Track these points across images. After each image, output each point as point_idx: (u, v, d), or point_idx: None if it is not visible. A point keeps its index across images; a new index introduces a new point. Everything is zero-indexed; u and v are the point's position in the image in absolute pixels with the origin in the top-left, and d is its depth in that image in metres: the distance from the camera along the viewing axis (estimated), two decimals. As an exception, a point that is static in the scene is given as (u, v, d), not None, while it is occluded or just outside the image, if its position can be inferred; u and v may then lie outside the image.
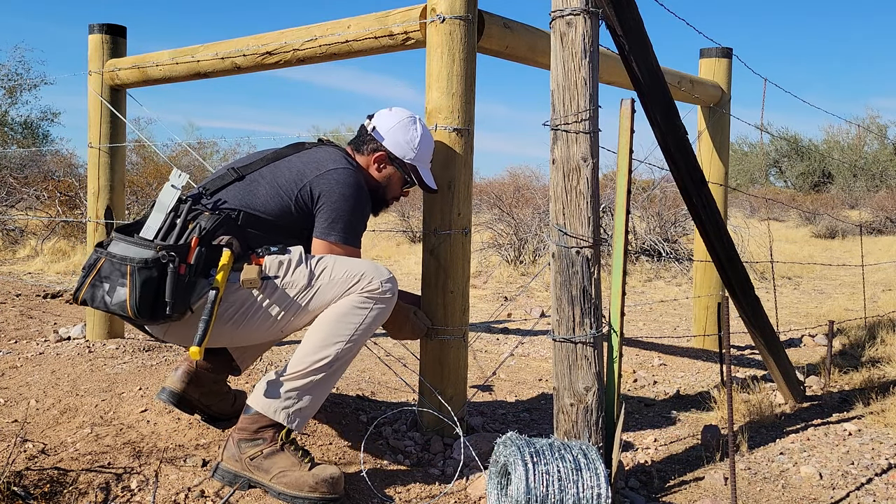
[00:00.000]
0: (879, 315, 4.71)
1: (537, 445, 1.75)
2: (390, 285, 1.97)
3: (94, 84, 3.48)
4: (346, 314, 1.92)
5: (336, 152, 2.15)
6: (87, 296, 1.84)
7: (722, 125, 3.99)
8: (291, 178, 2.06)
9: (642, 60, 2.19)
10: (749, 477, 2.22)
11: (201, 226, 1.88)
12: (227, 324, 1.93)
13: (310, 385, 1.91)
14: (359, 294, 1.93)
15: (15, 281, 5.76)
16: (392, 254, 9.56)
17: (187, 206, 1.91)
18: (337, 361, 1.92)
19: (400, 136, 2.16)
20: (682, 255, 7.89)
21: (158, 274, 1.78)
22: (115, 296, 1.79)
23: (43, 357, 3.19)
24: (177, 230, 1.87)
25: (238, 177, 2.09)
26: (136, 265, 1.77)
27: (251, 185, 2.07)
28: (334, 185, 2.04)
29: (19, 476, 1.88)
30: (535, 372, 3.57)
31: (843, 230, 13.58)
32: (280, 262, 1.94)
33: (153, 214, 1.90)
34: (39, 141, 14.48)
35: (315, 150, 2.16)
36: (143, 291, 1.77)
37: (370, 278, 1.94)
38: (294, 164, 2.10)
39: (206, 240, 1.88)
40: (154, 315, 1.80)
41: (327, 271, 1.94)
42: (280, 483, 1.86)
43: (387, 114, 2.21)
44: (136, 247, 1.81)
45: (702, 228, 2.54)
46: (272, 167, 2.11)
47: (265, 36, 2.85)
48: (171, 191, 1.91)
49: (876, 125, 25.94)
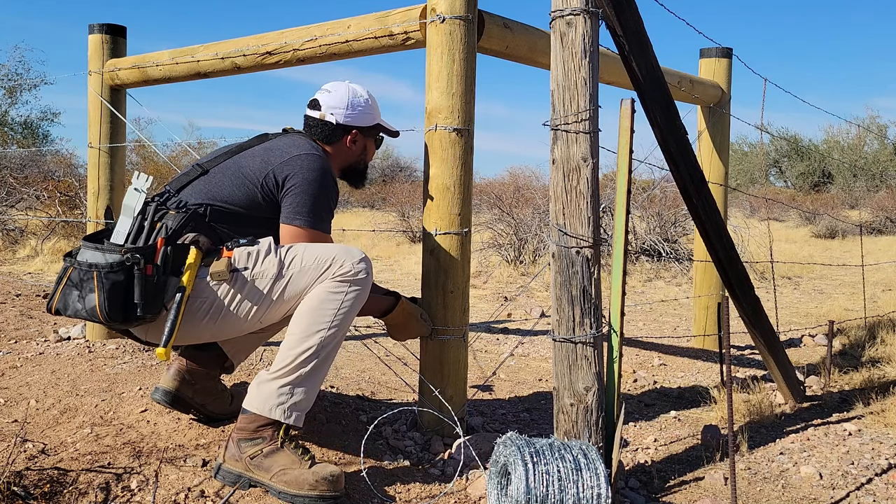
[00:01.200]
0: (879, 315, 4.71)
1: (537, 445, 1.75)
2: (363, 265, 1.96)
3: (94, 84, 3.48)
4: (323, 301, 1.92)
5: (301, 139, 2.18)
6: (60, 305, 1.87)
7: (722, 125, 3.99)
8: (256, 167, 2.08)
9: (642, 60, 2.19)
10: (749, 477, 2.22)
11: (167, 226, 1.90)
12: (203, 319, 1.93)
13: (300, 378, 1.91)
14: (331, 279, 1.93)
15: (15, 281, 5.76)
16: (392, 254, 9.56)
17: (153, 208, 1.93)
18: (323, 350, 1.92)
19: (358, 109, 2.25)
20: (682, 255, 7.89)
21: (126, 277, 1.80)
22: (85, 302, 1.81)
23: (43, 357, 3.19)
24: (144, 232, 1.89)
25: (203, 171, 2.11)
26: (103, 270, 1.79)
27: (216, 178, 2.08)
28: (298, 169, 2.06)
29: (19, 476, 1.88)
30: (535, 372, 3.57)
31: (843, 230, 13.58)
32: (248, 253, 1.94)
33: (121, 219, 1.92)
34: (39, 141, 14.48)
35: (279, 139, 2.18)
36: (111, 295, 1.78)
37: (341, 262, 1.94)
38: (258, 152, 2.12)
39: (173, 239, 1.89)
40: (127, 318, 1.81)
41: (297, 259, 1.94)
42: (280, 481, 1.87)
43: (331, 97, 2.25)
44: (102, 252, 1.82)
45: (702, 228, 2.54)
46: (236, 158, 2.12)
47: (265, 36, 2.85)
48: (135, 194, 1.93)
49: (876, 125, 25.94)
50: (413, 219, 11.59)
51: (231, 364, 2.29)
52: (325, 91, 2.27)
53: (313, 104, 2.27)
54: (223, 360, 2.27)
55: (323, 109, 2.24)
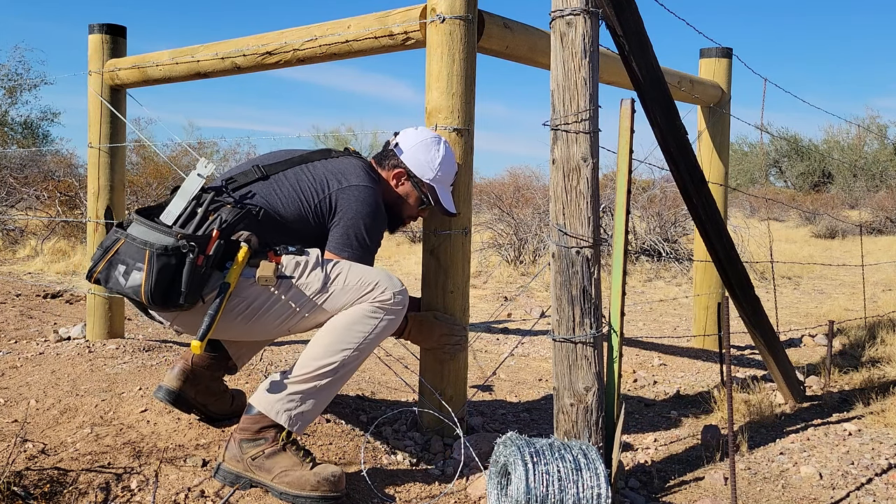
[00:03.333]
0: (879, 315, 4.71)
1: (537, 445, 1.75)
2: (402, 297, 1.97)
3: (94, 84, 3.48)
4: (356, 322, 1.92)
5: (360, 166, 2.14)
6: (102, 276, 1.84)
7: (722, 125, 3.99)
8: (314, 187, 2.06)
9: (642, 60, 2.19)
10: (749, 477, 2.22)
11: (222, 218, 1.87)
12: (237, 318, 1.93)
13: (314, 389, 1.91)
14: (370, 303, 1.93)
15: (15, 281, 5.76)
16: (392, 254, 9.56)
17: (210, 197, 1.90)
18: (343, 368, 1.92)
19: (420, 155, 2.15)
20: (682, 255, 7.89)
21: (176, 262, 1.78)
22: (129, 279, 1.79)
23: (43, 357, 3.19)
24: (197, 219, 1.86)
25: (262, 175, 2.09)
26: (156, 251, 1.77)
27: (274, 186, 2.07)
28: (353, 202, 2.04)
29: (19, 476, 1.88)
30: (535, 372, 3.57)
31: (843, 230, 13.58)
32: (297, 262, 1.94)
33: (175, 200, 1.90)
34: (39, 141, 14.48)
35: (340, 160, 2.15)
36: (159, 278, 1.76)
37: (383, 288, 1.94)
38: (318, 171, 2.10)
39: (226, 233, 1.87)
40: (166, 303, 1.80)
41: (342, 276, 1.94)
42: (282, 483, 1.87)
43: (411, 132, 2.21)
44: (156, 232, 1.80)
45: (702, 228, 2.54)
46: (297, 171, 2.10)
47: (265, 36, 2.85)
48: (197, 179, 1.91)
49: (876, 125, 25.93)
50: (413, 219, 11.56)
51: (234, 365, 2.29)
52: (416, 128, 2.23)
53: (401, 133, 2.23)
54: (227, 361, 2.27)
55: (399, 136, 2.21)
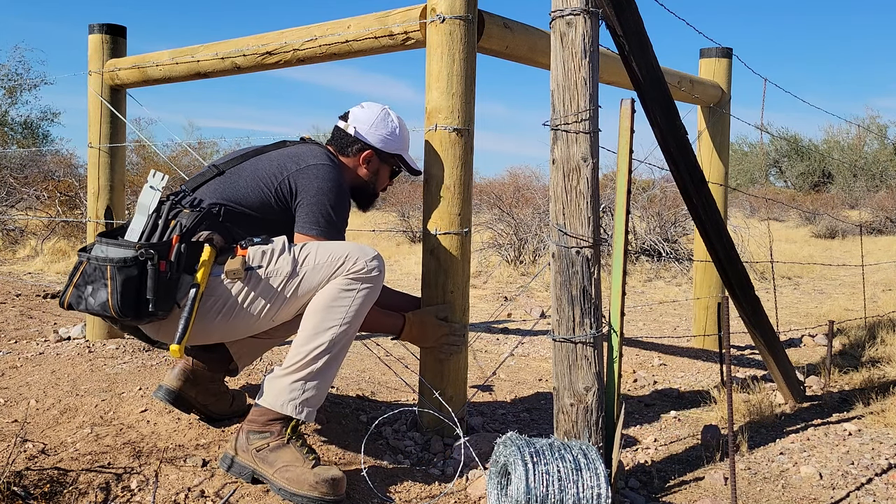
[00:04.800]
0: (879, 315, 4.71)
1: (537, 445, 1.75)
2: (376, 262, 1.97)
3: (94, 84, 3.48)
4: (334, 298, 1.93)
5: (317, 149, 2.19)
6: (72, 299, 1.88)
7: (722, 125, 3.99)
8: (271, 171, 2.10)
9: (642, 60, 2.19)
10: (749, 477, 2.22)
11: (182, 223, 1.91)
12: (216, 318, 1.94)
13: (312, 373, 1.92)
14: (344, 276, 1.94)
15: (15, 281, 5.76)
16: (392, 254, 9.56)
17: (167, 206, 1.94)
18: (335, 346, 1.92)
19: (382, 131, 2.25)
20: (682, 255, 7.89)
21: (139, 272, 1.81)
22: (97, 297, 1.82)
23: (43, 357, 3.19)
24: (159, 230, 1.89)
25: (218, 172, 2.13)
26: (116, 265, 1.80)
27: (231, 179, 2.10)
28: (313, 179, 2.07)
29: (19, 476, 1.88)
30: (535, 372, 3.57)
31: (843, 230, 13.58)
32: (263, 251, 1.95)
33: (135, 217, 1.93)
34: (39, 141, 14.48)
35: (297, 146, 2.21)
36: (123, 290, 1.79)
37: (354, 258, 1.95)
38: (274, 157, 2.14)
39: (187, 237, 1.90)
40: (138, 314, 1.82)
41: (311, 256, 1.96)
42: (282, 478, 1.87)
43: (360, 113, 2.27)
44: (117, 248, 1.83)
45: (702, 228, 2.54)
46: (253, 161, 2.15)
47: (265, 36, 2.85)
48: (150, 192, 1.94)
49: (876, 125, 25.94)
50: (413, 219, 11.59)
51: (236, 367, 2.29)
52: (360, 106, 2.30)
53: (344, 115, 2.30)
54: (228, 362, 2.27)
55: (350, 120, 2.26)
